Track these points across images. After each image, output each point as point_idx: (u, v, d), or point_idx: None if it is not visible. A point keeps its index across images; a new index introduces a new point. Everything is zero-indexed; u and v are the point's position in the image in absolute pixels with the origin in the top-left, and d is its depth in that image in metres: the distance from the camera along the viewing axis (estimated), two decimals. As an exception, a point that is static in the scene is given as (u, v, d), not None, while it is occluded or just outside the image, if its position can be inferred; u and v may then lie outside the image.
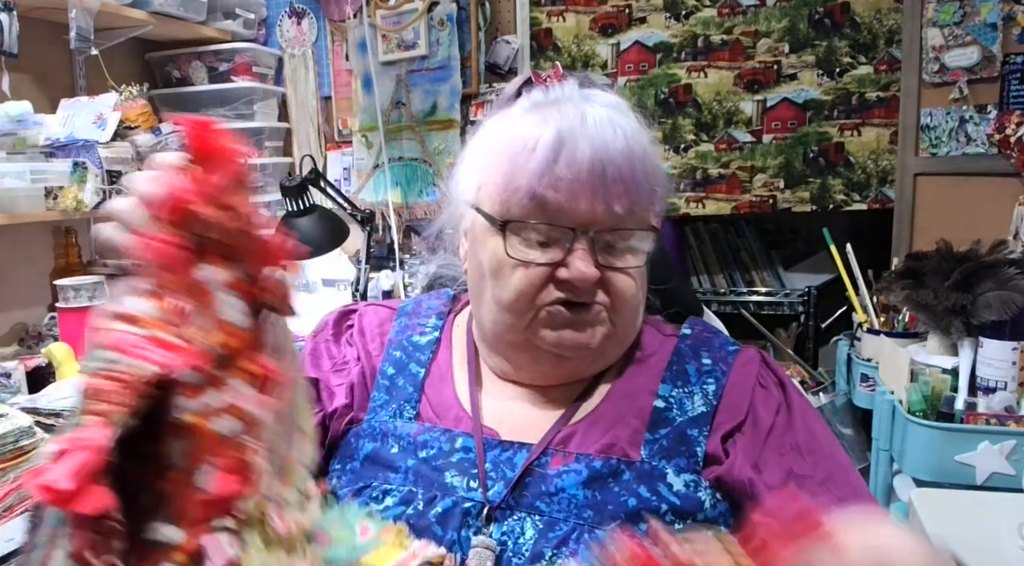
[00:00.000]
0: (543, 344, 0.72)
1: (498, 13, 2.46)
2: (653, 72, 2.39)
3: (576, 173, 0.67)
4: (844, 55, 2.25)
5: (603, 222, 0.68)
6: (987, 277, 1.38)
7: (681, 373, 0.74)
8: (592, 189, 0.67)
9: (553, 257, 0.69)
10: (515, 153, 0.69)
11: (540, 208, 0.68)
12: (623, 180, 0.67)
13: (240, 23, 2.54)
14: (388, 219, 2.54)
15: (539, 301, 0.70)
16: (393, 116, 2.54)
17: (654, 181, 0.70)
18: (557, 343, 0.71)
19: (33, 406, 1.23)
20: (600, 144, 0.67)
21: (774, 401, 0.72)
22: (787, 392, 0.73)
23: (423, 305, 0.87)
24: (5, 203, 1.69)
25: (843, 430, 1.98)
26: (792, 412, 0.72)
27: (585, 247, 0.68)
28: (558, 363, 0.74)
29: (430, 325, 0.84)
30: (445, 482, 0.70)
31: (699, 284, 2.68)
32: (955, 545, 0.88)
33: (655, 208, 0.72)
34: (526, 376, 0.77)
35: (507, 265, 0.71)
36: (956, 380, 1.38)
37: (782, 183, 2.35)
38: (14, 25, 1.78)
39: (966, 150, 1.94)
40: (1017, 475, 1.21)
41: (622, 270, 0.70)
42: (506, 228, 0.70)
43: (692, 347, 0.77)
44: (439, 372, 0.80)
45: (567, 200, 0.67)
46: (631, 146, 0.68)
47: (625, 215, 0.69)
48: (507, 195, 0.69)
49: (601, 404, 0.74)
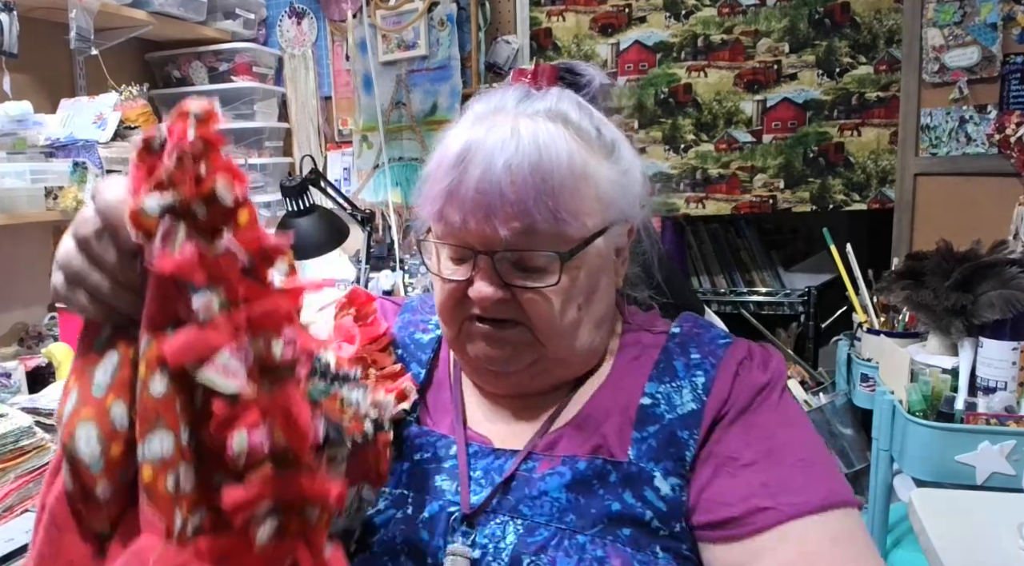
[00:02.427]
0: (470, 357, 0.72)
1: (498, 13, 2.46)
2: (653, 72, 2.39)
3: (465, 194, 0.65)
4: (844, 55, 2.25)
5: (496, 244, 0.66)
6: (988, 277, 1.38)
7: (668, 369, 0.72)
8: (479, 211, 0.65)
9: (463, 274, 0.69)
10: (437, 164, 0.69)
11: (446, 226, 0.68)
12: (509, 203, 0.64)
13: (240, 23, 2.54)
14: (388, 219, 2.54)
15: (460, 314, 0.70)
16: (393, 116, 2.54)
17: (563, 197, 0.65)
18: (477, 358, 0.71)
19: (33, 406, 1.23)
20: (489, 164, 0.64)
21: (745, 393, 0.69)
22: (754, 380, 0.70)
23: (428, 302, 0.86)
24: (5, 203, 1.69)
25: (843, 430, 1.99)
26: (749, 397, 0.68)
27: (486, 267, 0.67)
28: (495, 377, 0.73)
29: (432, 322, 0.84)
30: (435, 486, 0.70)
31: (699, 284, 2.68)
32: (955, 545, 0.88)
33: (572, 224, 0.66)
34: (486, 385, 0.76)
35: (433, 276, 0.72)
36: (956, 380, 1.38)
37: (782, 183, 2.35)
38: (14, 25, 1.78)
39: (966, 150, 1.94)
40: (1017, 475, 1.21)
41: (532, 290, 0.67)
42: (420, 245, 0.73)
43: (680, 344, 0.74)
44: (439, 376, 0.80)
45: (462, 221, 0.66)
46: (531, 162, 0.64)
47: (517, 236, 0.65)
48: (427, 202, 0.70)
49: (586, 406, 0.72)
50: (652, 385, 0.71)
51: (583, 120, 0.70)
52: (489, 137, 0.66)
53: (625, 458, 0.67)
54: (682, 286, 0.98)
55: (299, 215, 1.91)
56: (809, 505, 0.61)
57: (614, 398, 0.72)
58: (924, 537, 0.92)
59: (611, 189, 0.70)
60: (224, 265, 0.42)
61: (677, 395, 0.70)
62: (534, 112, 0.69)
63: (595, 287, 0.71)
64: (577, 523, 0.64)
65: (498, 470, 0.70)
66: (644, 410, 0.69)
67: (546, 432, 0.72)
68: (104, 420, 0.46)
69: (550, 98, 0.71)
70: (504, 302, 0.67)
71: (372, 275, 2.15)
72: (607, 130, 0.72)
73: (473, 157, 0.65)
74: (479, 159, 0.65)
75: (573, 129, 0.69)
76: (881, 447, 1.42)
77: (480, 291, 0.67)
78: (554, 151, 0.65)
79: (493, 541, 0.65)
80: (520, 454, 0.70)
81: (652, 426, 0.68)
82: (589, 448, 0.69)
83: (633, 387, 0.72)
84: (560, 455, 0.69)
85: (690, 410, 0.68)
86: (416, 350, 0.81)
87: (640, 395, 0.70)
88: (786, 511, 0.60)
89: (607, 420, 0.70)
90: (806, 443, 0.67)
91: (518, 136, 0.65)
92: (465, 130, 0.69)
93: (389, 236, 2.51)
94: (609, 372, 0.75)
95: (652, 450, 0.67)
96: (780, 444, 0.65)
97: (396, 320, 0.84)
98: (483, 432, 0.74)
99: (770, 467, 0.64)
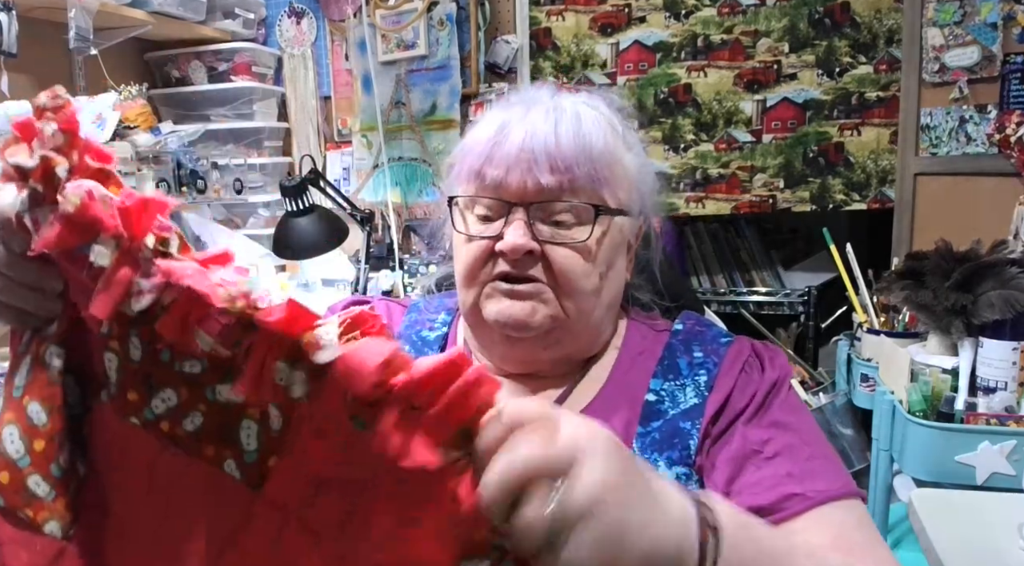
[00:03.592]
0: (489, 320, 0.73)
1: (497, 13, 2.46)
2: (653, 72, 2.39)
3: (507, 150, 0.70)
4: (844, 55, 2.25)
5: (534, 195, 0.70)
6: (988, 277, 1.37)
7: (672, 367, 0.74)
8: (521, 163, 0.70)
9: (494, 230, 0.72)
10: (473, 141, 0.74)
11: (481, 184, 0.73)
12: (550, 156, 0.69)
13: (240, 23, 2.53)
14: (388, 219, 2.54)
15: (483, 275, 0.73)
16: (393, 116, 2.54)
17: (600, 163, 0.71)
18: (497, 316, 0.72)
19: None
20: (533, 127, 0.70)
21: (752, 386, 0.71)
22: (764, 377, 0.72)
23: (434, 302, 0.89)
24: (4, 203, 1.69)
25: (843, 430, 1.98)
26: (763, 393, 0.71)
27: (521, 218, 0.70)
28: (510, 345, 0.74)
29: (439, 321, 0.85)
30: None
31: (699, 284, 2.68)
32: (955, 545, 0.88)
33: (606, 188, 0.72)
34: (496, 361, 0.78)
35: (459, 241, 0.75)
36: (956, 380, 1.38)
37: (782, 183, 2.35)
38: (13, 25, 1.78)
39: (966, 150, 1.94)
40: (1017, 475, 1.21)
41: (563, 244, 0.71)
42: (451, 204, 0.75)
43: (684, 342, 0.77)
44: None
45: (502, 173, 0.70)
46: (574, 129, 0.70)
47: (555, 188, 0.70)
48: (461, 175, 0.75)
49: (593, 401, 0.74)
50: (657, 381, 0.73)
51: (613, 117, 0.76)
52: (530, 113, 0.71)
53: (630, 450, 0.68)
54: (682, 288, 0.99)
55: (298, 215, 1.90)
56: (833, 492, 0.64)
57: (621, 392, 0.74)
58: (924, 537, 0.92)
59: (636, 177, 0.76)
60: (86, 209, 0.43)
61: (681, 393, 0.72)
62: (571, 100, 0.74)
63: (613, 263, 0.75)
64: None
65: None
66: (649, 406, 0.72)
67: None
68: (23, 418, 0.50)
69: (582, 94, 0.76)
70: (532, 256, 0.70)
71: (371, 275, 2.15)
72: (630, 133, 0.78)
73: (514, 126, 0.71)
74: (521, 125, 0.70)
75: (606, 118, 0.75)
76: (881, 447, 1.42)
77: (511, 240, 0.69)
78: (593, 124, 0.71)
79: None
80: None
81: (656, 421, 0.71)
82: None
83: (638, 382, 0.74)
84: None
85: (692, 405, 0.71)
86: (423, 346, 0.82)
87: (645, 391, 0.73)
88: (815, 497, 0.63)
89: (615, 414, 0.72)
90: (816, 438, 0.70)
91: (560, 109, 0.71)
92: (500, 112, 0.73)
93: (388, 236, 2.50)
94: (614, 364, 0.77)
95: (656, 442, 0.70)
96: (797, 439, 0.68)
97: (403, 320, 0.86)
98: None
99: (793, 459, 0.66)
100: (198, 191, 2.11)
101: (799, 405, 0.73)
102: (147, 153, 1.93)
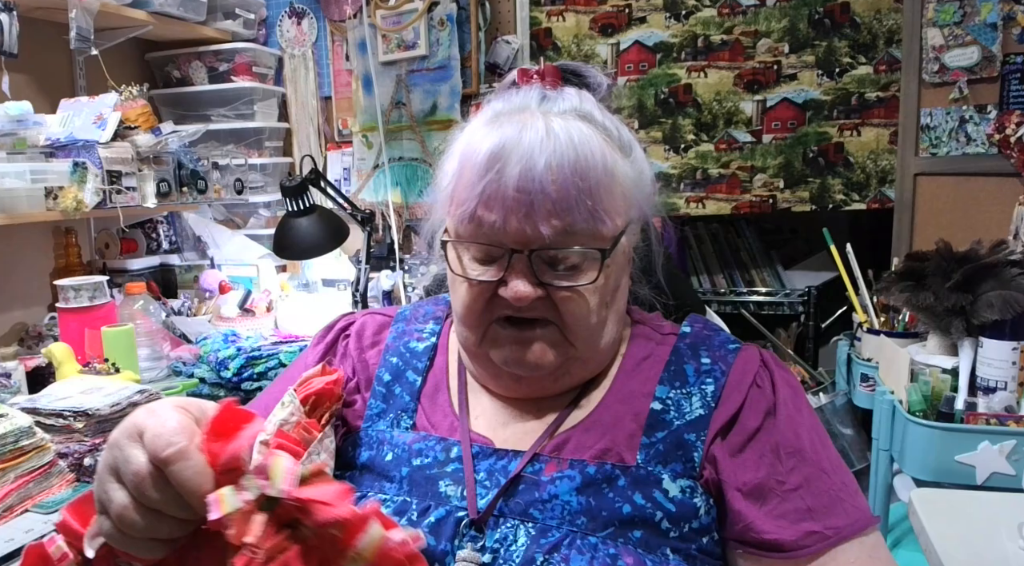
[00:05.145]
0: (496, 362, 0.71)
1: (498, 13, 2.46)
2: (653, 72, 2.39)
3: (503, 193, 0.65)
4: (844, 55, 2.25)
5: (535, 242, 0.66)
6: (988, 277, 1.37)
7: (679, 373, 0.72)
8: (520, 209, 0.65)
9: (494, 275, 0.68)
10: (462, 167, 0.69)
11: (477, 227, 0.68)
12: (551, 201, 0.65)
13: (240, 23, 2.54)
14: (388, 219, 2.54)
15: (486, 316, 0.70)
16: (393, 116, 2.54)
17: (598, 195, 0.66)
18: (505, 362, 0.71)
19: (33, 406, 1.23)
20: (529, 163, 0.64)
21: (765, 402, 0.70)
22: (777, 393, 0.71)
23: (420, 310, 0.86)
24: (5, 203, 1.69)
25: (843, 430, 1.99)
26: (778, 414, 0.70)
27: (522, 266, 0.67)
28: (517, 381, 0.73)
29: (427, 331, 0.83)
30: (439, 491, 0.69)
31: (699, 284, 2.68)
32: (955, 545, 0.88)
33: (607, 220, 0.68)
34: (500, 390, 0.76)
35: (456, 279, 0.72)
36: (956, 380, 1.38)
37: (782, 183, 2.35)
38: (14, 25, 1.78)
39: (966, 150, 1.94)
40: (1017, 475, 1.21)
41: (568, 288, 0.68)
42: (445, 247, 0.71)
43: (691, 346, 0.75)
44: (435, 380, 0.79)
45: (502, 220, 0.66)
46: (570, 162, 0.65)
47: (557, 235, 0.66)
48: (453, 208, 0.70)
49: (596, 409, 0.73)
50: (663, 389, 0.72)
51: (606, 120, 0.72)
52: (524, 136, 0.66)
53: (634, 462, 0.68)
54: (683, 286, 0.99)
55: (299, 215, 1.90)
56: (851, 529, 0.65)
57: (624, 402, 0.72)
58: (924, 537, 0.92)
59: (632, 187, 0.72)
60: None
61: (687, 402, 0.70)
62: (562, 111, 0.70)
63: (619, 284, 0.73)
64: (588, 525, 0.65)
65: (501, 471, 0.70)
66: (654, 416, 0.70)
67: (554, 433, 0.71)
68: None
69: (572, 98, 0.72)
70: (539, 300, 0.68)
71: (372, 275, 2.15)
72: (623, 131, 0.74)
73: (510, 156, 0.65)
74: (516, 158, 0.65)
75: (600, 129, 0.70)
76: (881, 447, 1.42)
77: (516, 289, 0.67)
78: (589, 150, 0.66)
79: (504, 544, 0.65)
80: (526, 455, 0.70)
81: (661, 432, 0.69)
82: (597, 451, 0.69)
83: (643, 389, 0.72)
84: (568, 458, 0.69)
85: (698, 416, 0.69)
86: (412, 358, 0.80)
87: (651, 399, 0.71)
88: (833, 536, 0.64)
89: (617, 424, 0.70)
90: (833, 465, 0.69)
91: (554, 135, 0.66)
92: (491, 129, 0.69)
93: (389, 236, 2.50)
94: (617, 372, 0.75)
95: (660, 454, 0.68)
96: (817, 468, 0.68)
97: (390, 331, 0.84)
98: (483, 432, 0.74)
99: (814, 493, 0.66)
100: (199, 191, 2.11)
101: (814, 423, 0.71)
102: (148, 153, 1.93)
